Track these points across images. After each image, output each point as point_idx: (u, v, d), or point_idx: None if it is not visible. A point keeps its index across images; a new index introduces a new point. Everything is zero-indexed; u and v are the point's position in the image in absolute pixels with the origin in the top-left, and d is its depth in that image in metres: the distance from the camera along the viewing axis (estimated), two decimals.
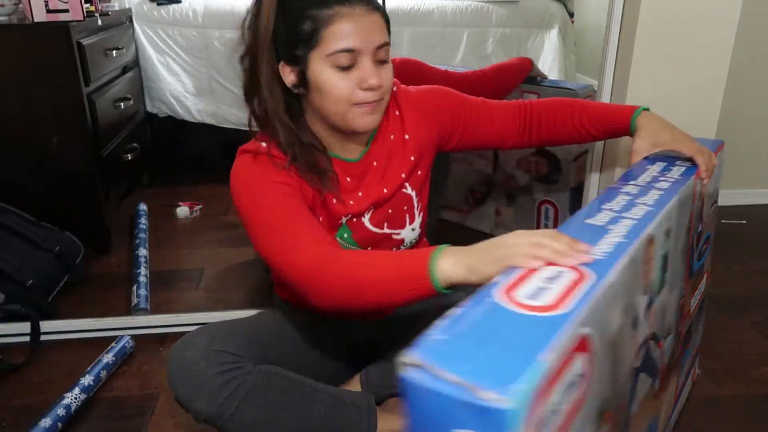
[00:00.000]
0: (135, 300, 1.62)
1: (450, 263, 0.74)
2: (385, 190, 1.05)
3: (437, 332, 0.55)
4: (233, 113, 2.47)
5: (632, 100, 1.40)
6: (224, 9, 2.38)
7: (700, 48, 1.37)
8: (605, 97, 1.47)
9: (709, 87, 1.40)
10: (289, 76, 0.95)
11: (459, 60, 2.52)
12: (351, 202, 1.03)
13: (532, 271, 0.65)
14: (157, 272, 1.82)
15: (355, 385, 1.15)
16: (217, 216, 2.24)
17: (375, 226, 1.06)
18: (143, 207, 2.19)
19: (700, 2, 1.33)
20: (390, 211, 1.07)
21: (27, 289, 1.57)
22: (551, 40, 2.59)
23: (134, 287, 1.68)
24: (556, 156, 1.76)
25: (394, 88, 1.07)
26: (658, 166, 1.00)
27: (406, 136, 1.07)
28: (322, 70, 0.91)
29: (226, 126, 2.49)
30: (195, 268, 1.86)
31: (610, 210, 0.81)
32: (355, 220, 1.04)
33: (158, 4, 2.38)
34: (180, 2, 2.41)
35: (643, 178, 0.94)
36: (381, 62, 0.93)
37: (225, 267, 1.87)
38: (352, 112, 0.93)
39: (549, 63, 2.57)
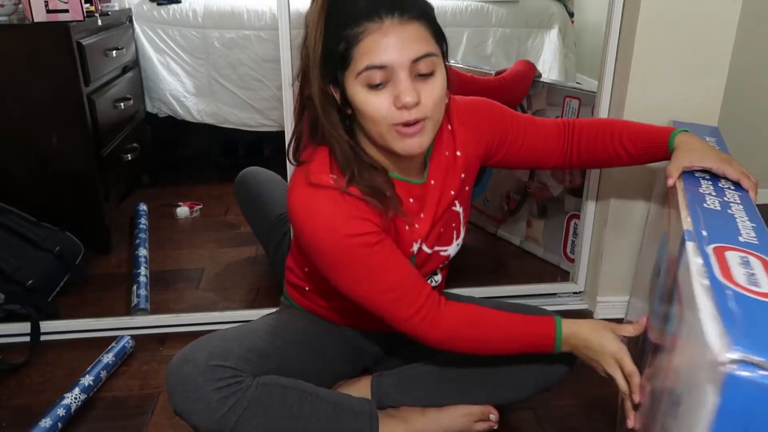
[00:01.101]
0: (135, 300, 1.62)
1: (569, 338, 0.96)
2: (439, 210, 1.02)
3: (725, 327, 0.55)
4: (233, 113, 2.47)
5: (632, 100, 1.40)
6: (224, 9, 2.38)
7: (700, 48, 1.37)
8: (605, 97, 1.47)
9: (709, 87, 1.40)
10: (338, 97, 0.90)
11: (459, 60, 2.52)
12: (416, 226, 1.00)
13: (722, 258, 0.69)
14: (157, 272, 1.82)
15: (364, 386, 1.14)
16: (217, 216, 2.24)
17: (429, 247, 1.04)
18: (143, 207, 2.19)
19: (700, 2, 1.33)
20: (441, 229, 1.05)
21: (27, 289, 1.57)
22: (551, 40, 2.58)
23: (134, 287, 1.67)
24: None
25: (447, 100, 0.99)
26: (708, 186, 0.95)
27: (458, 153, 1.03)
28: (356, 91, 0.86)
29: (226, 126, 2.49)
30: (195, 268, 1.86)
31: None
32: (418, 244, 1.01)
33: (158, 4, 2.38)
34: (180, 2, 2.41)
35: (712, 201, 0.90)
36: (423, 76, 0.86)
37: (225, 267, 1.87)
38: (392, 134, 0.87)
39: (549, 63, 2.57)
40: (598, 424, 1.23)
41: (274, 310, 1.24)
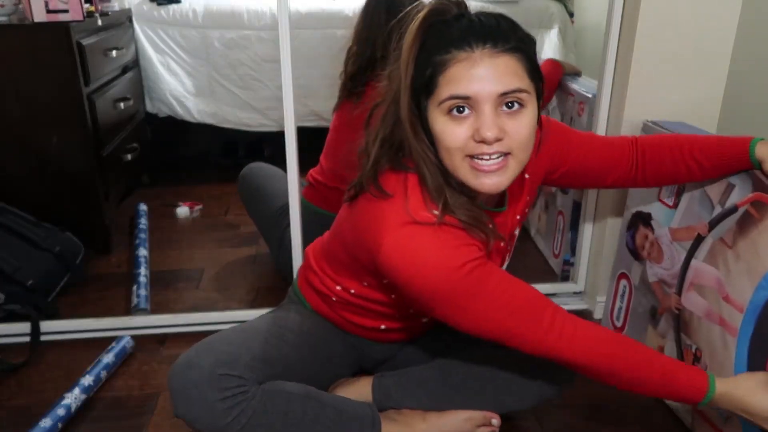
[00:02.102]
0: (135, 300, 1.62)
1: (722, 398, 0.88)
2: (508, 237, 1.02)
3: None
4: (233, 113, 2.47)
5: (632, 100, 1.40)
6: (224, 9, 2.38)
7: (700, 48, 1.37)
8: (605, 97, 1.47)
9: (709, 87, 1.40)
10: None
11: None
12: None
13: None
14: (157, 272, 1.82)
15: (364, 386, 1.14)
16: (217, 216, 2.24)
17: None
18: (143, 207, 2.19)
19: (700, 2, 1.33)
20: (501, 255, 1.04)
21: (27, 289, 1.57)
22: (551, 40, 2.58)
23: (134, 287, 1.67)
24: None
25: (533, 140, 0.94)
26: None
27: (526, 176, 1.01)
28: (436, 119, 0.83)
29: (226, 126, 2.49)
30: (195, 268, 1.86)
31: None
32: None
33: (158, 4, 2.38)
34: (180, 2, 2.41)
35: None
36: (511, 111, 0.82)
37: (225, 267, 1.87)
38: (465, 168, 0.84)
39: None
40: (598, 425, 1.23)
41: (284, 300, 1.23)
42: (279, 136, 1.48)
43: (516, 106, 0.82)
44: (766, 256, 1.00)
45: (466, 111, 0.81)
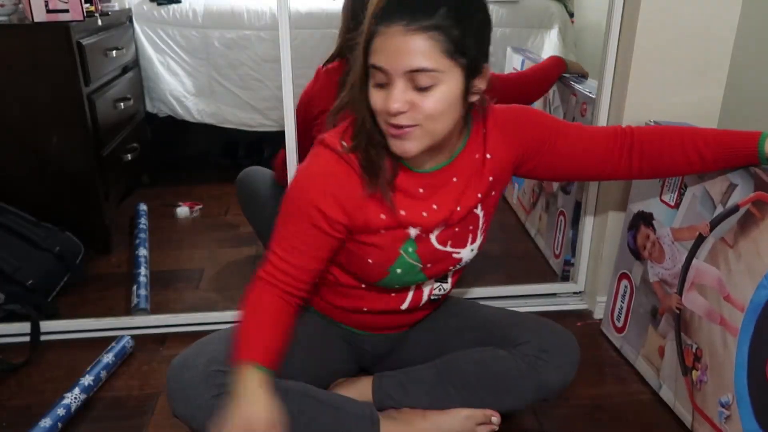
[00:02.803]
0: (135, 300, 1.62)
1: None
2: (458, 209, 1.01)
3: None
4: (233, 113, 2.47)
5: (632, 100, 1.40)
6: (224, 9, 2.38)
7: (700, 48, 1.37)
8: (605, 97, 1.47)
9: (709, 87, 1.40)
10: None
11: None
12: (424, 214, 0.99)
13: None
14: (157, 272, 1.82)
15: (365, 386, 1.14)
16: (217, 216, 2.24)
17: (440, 243, 1.03)
18: (143, 207, 2.19)
19: (700, 2, 1.33)
20: (456, 230, 1.04)
21: (27, 289, 1.57)
22: (551, 40, 2.58)
23: (134, 287, 1.67)
24: None
25: (485, 104, 1.02)
26: None
27: (488, 155, 1.02)
28: (370, 81, 0.90)
29: (226, 126, 2.49)
30: (195, 268, 1.86)
31: None
32: (424, 235, 1.01)
33: (158, 4, 2.38)
34: (180, 2, 2.41)
35: None
36: (420, 88, 0.85)
37: (225, 267, 1.87)
38: (386, 129, 0.90)
39: None
40: (598, 424, 1.23)
41: None
42: (279, 136, 1.48)
43: (425, 84, 0.85)
44: (767, 255, 1.00)
45: (385, 79, 0.86)
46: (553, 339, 1.08)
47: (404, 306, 1.10)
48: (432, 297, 1.11)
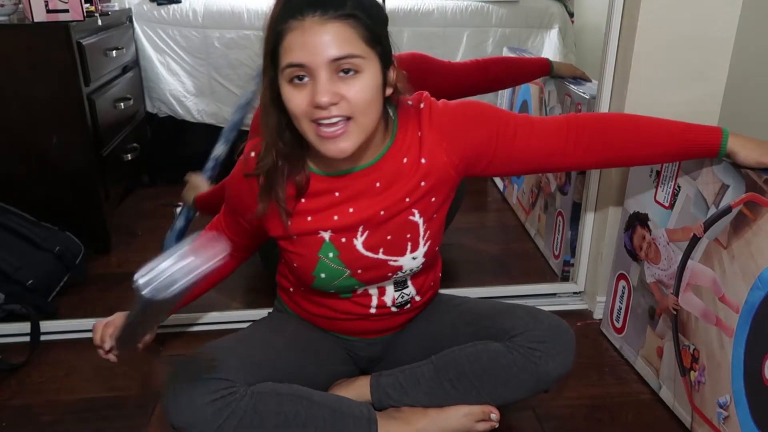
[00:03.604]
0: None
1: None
2: (382, 212, 0.98)
3: None
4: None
5: (632, 100, 1.40)
6: (224, 9, 2.38)
7: (700, 48, 1.37)
8: (605, 97, 1.47)
9: (709, 87, 1.40)
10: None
11: (459, 60, 2.52)
12: (335, 217, 0.98)
13: None
14: None
15: (363, 386, 1.14)
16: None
17: (368, 250, 1.01)
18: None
19: (700, 2, 1.33)
20: (389, 237, 1.01)
21: (27, 289, 1.57)
22: (551, 40, 2.58)
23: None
24: None
25: (422, 105, 0.99)
26: None
27: (423, 160, 0.97)
28: (282, 87, 0.86)
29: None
30: None
31: None
32: (344, 240, 1.00)
33: (158, 4, 2.38)
34: (180, 2, 2.41)
35: None
36: (347, 75, 0.84)
37: None
38: (312, 134, 0.87)
39: None
40: (598, 424, 1.23)
41: (271, 310, 1.25)
42: None
43: (351, 71, 0.84)
44: (760, 256, 1.00)
45: (305, 78, 0.84)
46: (547, 328, 1.07)
47: (372, 311, 1.10)
48: (397, 303, 1.11)
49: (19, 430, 1.21)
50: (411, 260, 1.04)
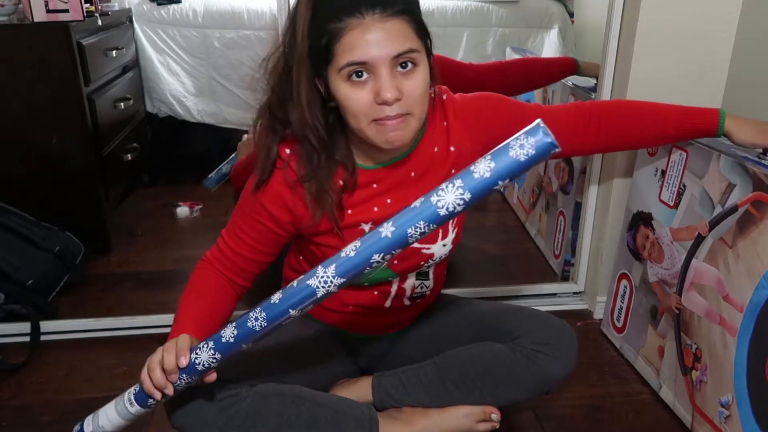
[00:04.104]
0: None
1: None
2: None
3: None
4: (233, 113, 2.47)
5: (632, 99, 1.40)
6: (224, 9, 2.38)
7: (700, 48, 1.37)
8: (605, 97, 1.47)
9: (709, 87, 1.40)
10: (324, 91, 0.90)
11: (459, 59, 2.52)
12: (375, 209, 0.99)
13: None
14: (157, 272, 1.82)
15: (364, 387, 1.14)
16: (217, 216, 2.24)
17: None
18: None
19: (700, 2, 1.33)
20: None
21: (27, 289, 1.57)
22: (551, 40, 2.58)
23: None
24: (573, 165, 1.73)
25: (444, 96, 1.01)
26: None
27: (452, 148, 1.01)
28: (338, 86, 0.86)
29: (226, 126, 2.49)
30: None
31: None
32: None
33: (158, 4, 2.38)
34: (180, 2, 2.41)
35: None
36: (405, 71, 0.86)
37: None
38: (372, 129, 0.88)
39: None
40: (598, 425, 1.23)
41: None
42: None
43: (410, 65, 0.86)
44: (766, 255, 1.00)
45: (365, 75, 0.85)
46: (550, 330, 1.08)
47: (387, 303, 1.10)
48: (415, 294, 1.11)
49: (19, 430, 1.21)
50: (442, 247, 1.06)
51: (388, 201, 1.00)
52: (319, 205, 0.95)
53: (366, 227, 1.00)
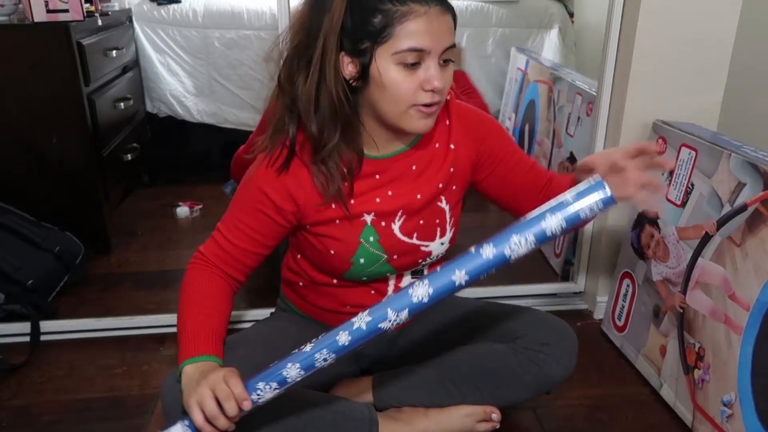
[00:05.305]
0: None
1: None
2: (418, 196, 1.01)
3: None
4: (233, 113, 2.47)
5: (632, 100, 1.40)
6: (224, 9, 2.38)
7: (699, 47, 1.37)
8: (605, 97, 1.47)
9: (709, 87, 1.40)
10: (347, 68, 0.89)
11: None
12: (377, 200, 0.99)
13: None
14: (157, 272, 1.82)
15: (365, 387, 1.14)
16: (217, 216, 2.18)
17: (404, 234, 1.02)
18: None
19: (699, 2, 1.33)
20: (421, 222, 1.03)
21: (27, 289, 1.57)
22: (551, 40, 2.58)
23: None
24: (577, 164, 1.72)
25: (448, 97, 1.03)
26: None
27: (452, 146, 1.02)
28: (387, 67, 0.87)
29: (226, 126, 2.49)
30: None
31: None
32: (383, 224, 1.00)
33: (158, 4, 2.38)
34: (180, 2, 2.41)
35: None
36: (446, 64, 0.90)
37: None
38: (409, 114, 0.90)
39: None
40: (598, 425, 1.23)
41: (273, 309, 1.24)
42: None
43: (450, 61, 0.91)
44: None
45: (417, 63, 0.87)
46: (551, 331, 1.08)
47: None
48: None
49: (19, 430, 1.21)
50: (440, 245, 1.07)
51: (389, 193, 1.00)
52: (329, 186, 0.94)
53: (368, 218, 1.00)
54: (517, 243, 0.77)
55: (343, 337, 0.83)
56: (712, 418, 1.12)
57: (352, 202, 0.98)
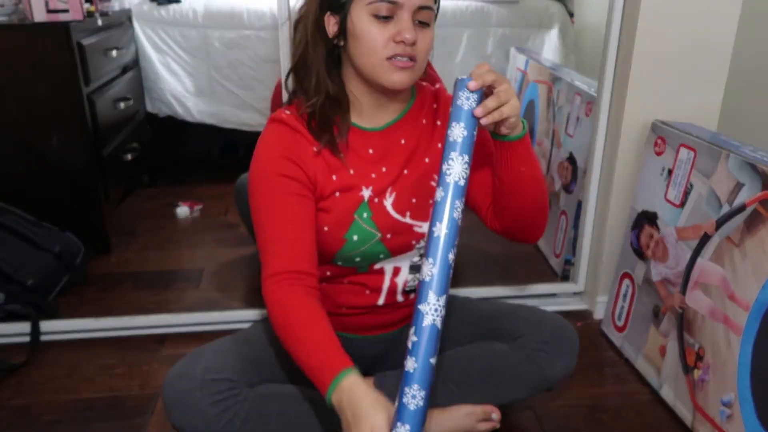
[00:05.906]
0: None
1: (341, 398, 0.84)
2: (405, 172, 1.02)
3: None
4: (233, 113, 2.46)
5: (632, 100, 1.40)
6: (224, 9, 2.38)
7: (699, 48, 1.37)
8: (605, 98, 1.47)
9: (709, 87, 1.40)
10: (332, 27, 0.94)
11: (459, 60, 2.52)
12: (373, 175, 1.00)
13: None
14: (157, 272, 1.82)
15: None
16: (217, 216, 2.24)
17: (397, 212, 1.03)
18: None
19: (699, 3, 1.33)
20: (414, 200, 1.03)
21: (27, 289, 1.57)
22: (551, 40, 2.58)
23: None
24: (577, 164, 1.73)
25: (437, 85, 1.06)
26: None
27: (438, 122, 1.05)
28: (360, 18, 0.91)
29: (226, 126, 2.49)
30: (194, 268, 1.85)
31: None
32: (377, 200, 1.01)
33: (158, 4, 2.38)
34: (180, 2, 2.41)
35: None
36: (421, 25, 0.93)
37: (225, 267, 1.87)
38: (383, 67, 0.93)
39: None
40: (598, 425, 1.23)
41: None
42: None
43: (425, 24, 0.93)
44: None
45: (389, 16, 0.91)
46: (551, 330, 1.08)
47: (380, 301, 1.10)
48: (407, 288, 1.11)
49: (19, 430, 1.21)
50: None
51: (383, 169, 1.02)
52: (323, 132, 0.98)
53: (366, 194, 1.01)
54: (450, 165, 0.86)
55: None
56: (712, 418, 1.13)
57: (351, 171, 1.00)
